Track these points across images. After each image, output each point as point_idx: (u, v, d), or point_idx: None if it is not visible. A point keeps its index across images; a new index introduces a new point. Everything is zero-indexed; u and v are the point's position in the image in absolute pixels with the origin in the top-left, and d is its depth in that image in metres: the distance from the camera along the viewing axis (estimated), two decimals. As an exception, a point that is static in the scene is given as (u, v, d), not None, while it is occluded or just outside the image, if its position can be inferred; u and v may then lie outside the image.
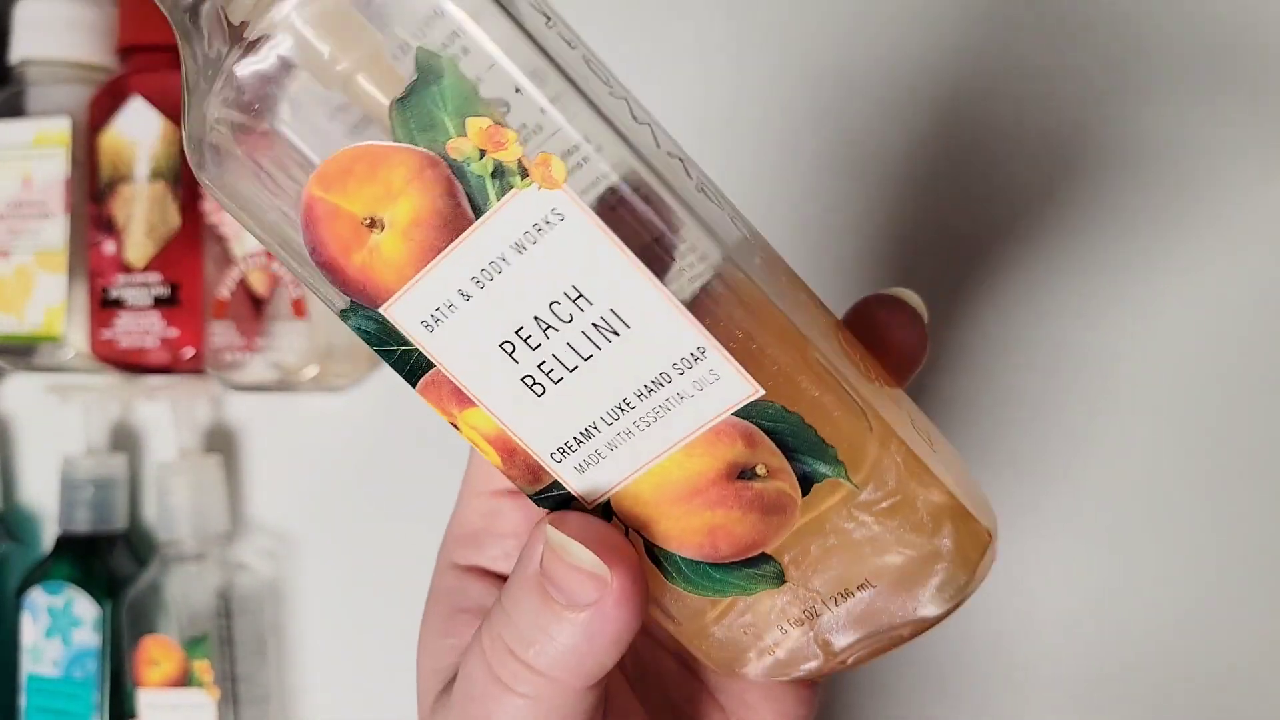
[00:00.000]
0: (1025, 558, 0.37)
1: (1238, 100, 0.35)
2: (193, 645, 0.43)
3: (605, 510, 0.21)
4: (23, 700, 0.46)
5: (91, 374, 0.47)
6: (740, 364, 0.19)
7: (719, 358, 0.19)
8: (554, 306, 0.19)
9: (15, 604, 0.46)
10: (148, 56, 0.45)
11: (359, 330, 0.20)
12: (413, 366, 0.20)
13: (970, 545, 0.21)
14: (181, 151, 0.37)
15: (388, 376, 0.44)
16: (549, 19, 0.18)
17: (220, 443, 0.47)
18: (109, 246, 0.44)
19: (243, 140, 0.18)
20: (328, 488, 0.46)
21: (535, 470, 0.20)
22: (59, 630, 0.45)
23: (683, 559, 0.21)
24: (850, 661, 0.22)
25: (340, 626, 0.46)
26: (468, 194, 0.18)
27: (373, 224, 0.18)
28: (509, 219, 0.18)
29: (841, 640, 0.21)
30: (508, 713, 0.21)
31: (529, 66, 0.17)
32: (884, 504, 0.20)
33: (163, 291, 0.44)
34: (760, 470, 0.20)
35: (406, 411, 0.44)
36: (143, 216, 0.44)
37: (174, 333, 0.44)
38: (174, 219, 0.44)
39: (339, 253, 0.19)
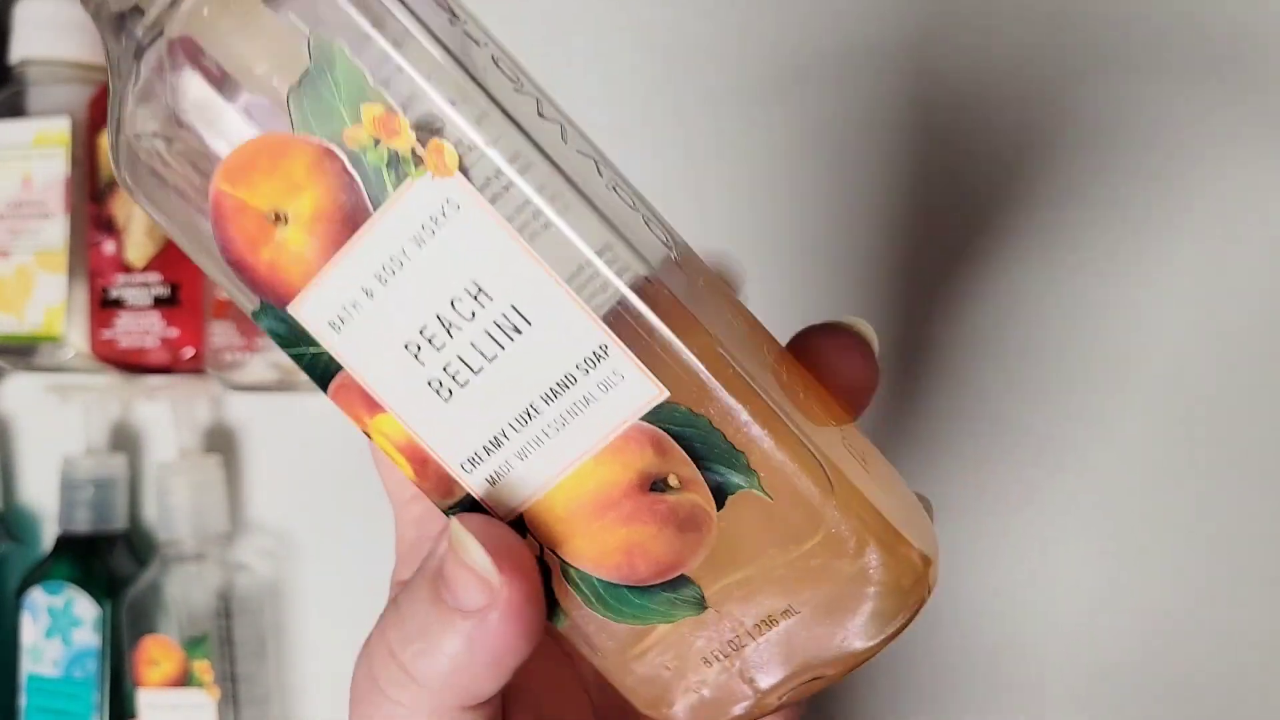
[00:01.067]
0: (1027, 555, 0.37)
1: (1221, 79, 0.35)
2: (193, 645, 0.43)
3: (519, 526, 0.20)
4: (23, 700, 0.46)
5: (91, 374, 0.47)
6: (644, 364, 0.18)
7: (622, 357, 0.18)
8: (455, 304, 0.18)
9: (15, 604, 0.46)
10: (148, 56, 0.45)
11: (270, 332, 0.19)
12: (323, 370, 0.20)
13: (901, 570, 0.19)
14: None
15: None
16: (455, 17, 0.18)
17: (220, 443, 0.47)
18: (109, 246, 0.44)
19: (163, 140, 0.18)
20: (328, 488, 0.46)
21: (447, 482, 0.20)
22: (59, 630, 0.45)
23: (600, 582, 0.20)
24: (779, 701, 0.21)
25: (340, 626, 0.46)
26: (365, 185, 0.18)
27: (278, 218, 0.18)
28: (406, 210, 0.18)
29: (767, 678, 0.20)
30: (385, 718, 0.20)
31: (430, 69, 0.17)
32: (804, 521, 0.19)
33: (163, 291, 0.44)
34: (672, 481, 0.19)
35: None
36: (142, 216, 0.44)
37: (174, 332, 0.44)
38: (174, 219, 0.44)
39: (246, 249, 0.19)
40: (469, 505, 0.20)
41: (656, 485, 0.19)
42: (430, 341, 0.19)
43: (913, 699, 0.39)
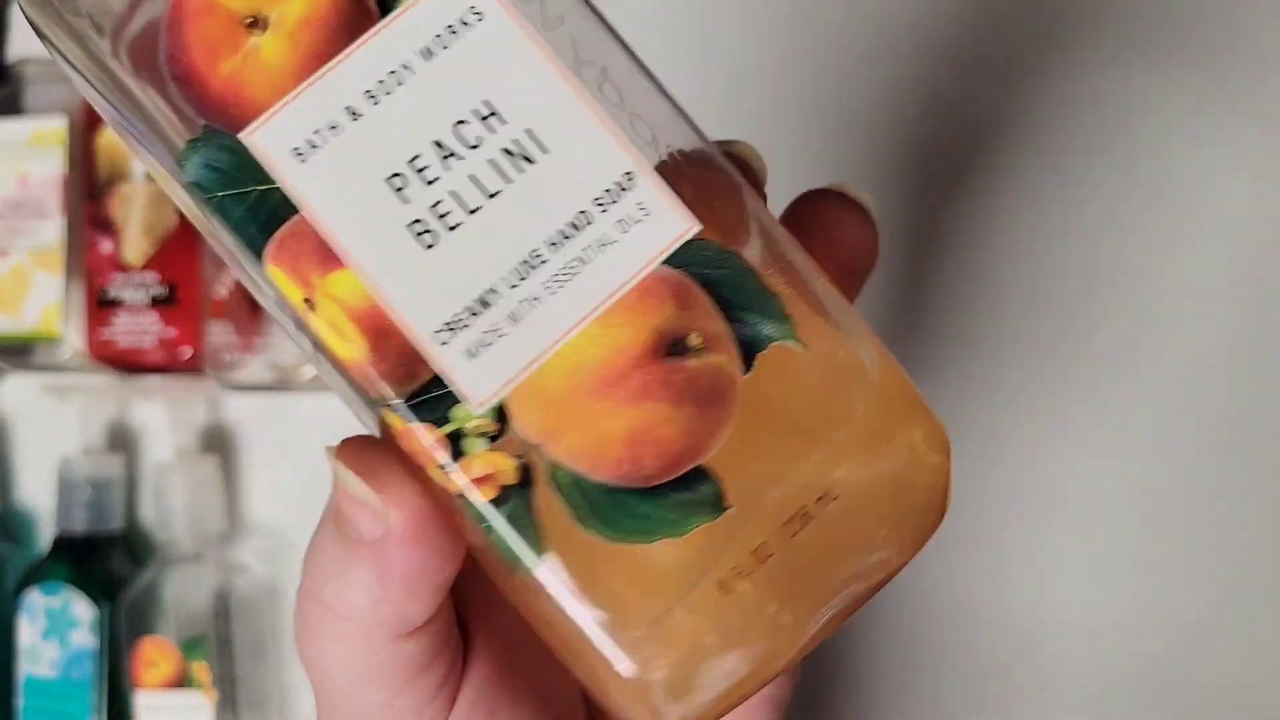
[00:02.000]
0: (1049, 559, 0.37)
1: (1191, 62, 0.35)
2: (190, 646, 0.43)
3: (499, 415, 0.17)
4: (20, 702, 0.45)
5: (89, 374, 0.47)
6: (675, 195, 0.16)
7: (649, 185, 0.16)
8: (460, 128, 0.16)
9: (12, 605, 0.46)
10: (145, 55, 0.45)
11: (203, 170, 0.16)
12: (268, 216, 0.16)
13: (934, 451, 0.18)
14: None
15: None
16: None
17: (218, 443, 0.47)
18: (106, 246, 0.44)
19: None
20: (326, 488, 0.46)
21: (410, 361, 0.16)
22: (56, 631, 0.45)
23: (597, 488, 0.17)
24: (809, 638, 0.17)
25: (339, 627, 0.46)
26: None
27: (255, 23, 0.16)
28: (421, 16, 0.16)
29: (801, 600, 0.17)
30: (322, 660, 0.19)
31: None
32: (840, 377, 0.17)
33: (160, 291, 0.44)
34: (694, 341, 0.17)
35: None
36: (140, 216, 0.44)
37: (171, 332, 0.44)
38: (171, 218, 0.44)
39: (204, 59, 0.16)
40: (435, 389, 0.17)
41: (675, 348, 0.17)
42: (421, 173, 0.16)
43: (915, 701, 0.38)
